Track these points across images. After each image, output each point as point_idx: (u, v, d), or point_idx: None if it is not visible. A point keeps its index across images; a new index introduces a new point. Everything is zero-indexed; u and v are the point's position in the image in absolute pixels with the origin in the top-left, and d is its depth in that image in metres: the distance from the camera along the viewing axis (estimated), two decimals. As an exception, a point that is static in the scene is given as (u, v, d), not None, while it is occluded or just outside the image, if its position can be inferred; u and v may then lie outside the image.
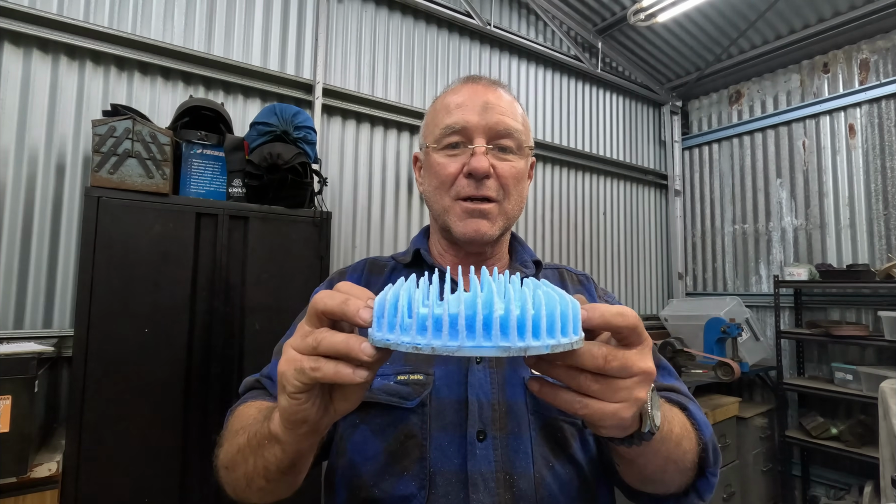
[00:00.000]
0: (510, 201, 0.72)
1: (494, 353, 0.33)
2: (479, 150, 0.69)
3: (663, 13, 3.02)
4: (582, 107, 3.63)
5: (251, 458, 0.52)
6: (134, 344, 1.55)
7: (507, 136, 0.71)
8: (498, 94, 0.73)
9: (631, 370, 0.40)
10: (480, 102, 0.71)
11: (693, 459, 0.57)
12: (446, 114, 0.72)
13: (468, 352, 0.33)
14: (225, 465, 0.58)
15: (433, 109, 0.77)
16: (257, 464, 0.51)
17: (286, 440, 0.46)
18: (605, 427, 0.43)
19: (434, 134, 0.73)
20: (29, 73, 1.84)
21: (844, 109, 3.19)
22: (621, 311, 0.40)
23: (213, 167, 1.84)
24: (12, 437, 1.31)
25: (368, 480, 0.62)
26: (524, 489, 0.60)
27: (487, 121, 0.70)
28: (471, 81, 0.75)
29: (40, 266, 1.82)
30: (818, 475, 3.17)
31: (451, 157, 0.71)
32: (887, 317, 2.64)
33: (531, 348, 0.34)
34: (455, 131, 0.70)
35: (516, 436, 0.63)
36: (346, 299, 0.40)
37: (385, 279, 0.78)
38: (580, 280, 0.84)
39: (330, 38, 2.53)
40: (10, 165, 1.79)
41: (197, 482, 1.62)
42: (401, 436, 0.62)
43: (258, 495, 0.56)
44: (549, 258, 3.33)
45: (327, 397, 0.45)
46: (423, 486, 0.60)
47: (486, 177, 0.69)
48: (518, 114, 0.74)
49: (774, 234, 3.54)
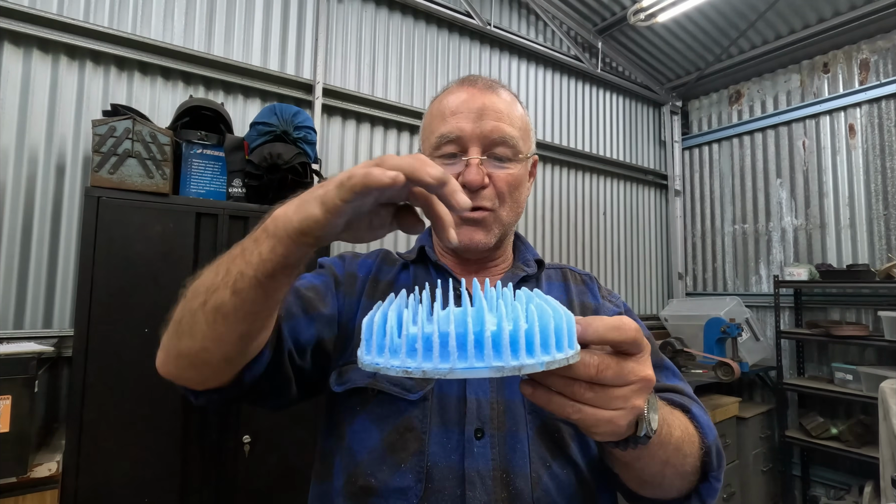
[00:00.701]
0: (506, 209, 0.72)
1: (488, 375, 0.32)
2: (474, 161, 0.68)
3: (663, 13, 3.02)
4: (582, 107, 3.63)
5: (226, 265, 0.49)
6: (134, 344, 1.55)
7: (503, 143, 0.70)
8: (494, 98, 0.71)
9: (627, 378, 0.40)
10: (476, 108, 0.69)
11: (695, 464, 0.56)
12: (441, 121, 0.71)
13: (460, 374, 0.32)
14: (183, 297, 0.53)
15: (430, 113, 0.75)
16: (231, 270, 0.47)
17: (285, 237, 0.44)
18: (599, 433, 0.42)
19: (430, 141, 0.72)
20: (29, 73, 1.84)
21: (844, 109, 3.19)
22: (617, 324, 0.40)
23: (213, 167, 1.84)
24: (12, 437, 1.31)
25: (365, 469, 0.62)
26: (520, 488, 0.60)
27: (482, 129, 0.69)
28: (467, 84, 0.73)
29: (40, 266, 1.82)
30: (818, 475, 3.17)
31: (446, 167, 0.70)
32: (887, 317, 2.64)
33: (526, 366, 0.33)
34: (450, 140, 0.69)
35: (514, 435, 0.63)
36: (417, 160, 0.42)
37: (396, 272, 0.78)
38: (583, 280, 0.83)
39: (330, 38, 2.53)
40: (10, 165, 1.79)
41: (197, 482, 1.62)
42: (400, 427, 0.62)
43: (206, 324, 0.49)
44: (550, 258, 3.33)
45: (354, 220, 0.46)
46: (420, 480, 0.60)
47: (482, 188, 0.68)
48: (517, 115, 0.72)
49: (774, 234, 3.54)
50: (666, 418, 0.51)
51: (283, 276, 0.48)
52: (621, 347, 0.40)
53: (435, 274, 0.76)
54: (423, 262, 0.78)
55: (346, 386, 0.66)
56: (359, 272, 0.77)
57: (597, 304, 0.78)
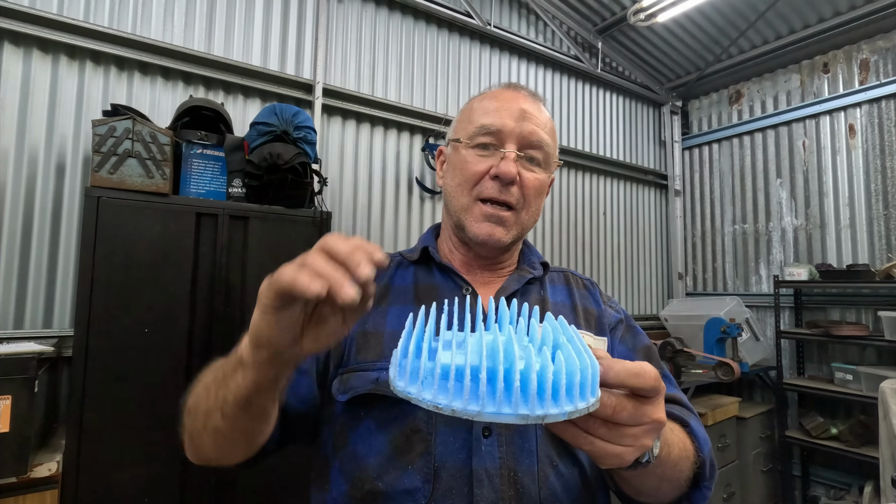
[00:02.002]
0: (528, 212, 0.73)
1: (513, 422, 0.34)
2: (510, 155, 0.70)
3: (663, 13, 3.02)
4: (582, 107, 3.63)
5: (214, 390, 0.53)
6: (134, 344, 1.54)
7: (539, 147, 0.72)
8: (537, 106, 0.74)
9: (640, 420, 0.41)
10: (518, 109, 0.72)
11: (689, 476, 0.58)
12: (483, 113, 0.73)
13: (488, 418, 0.34)
14: (188, 409, 0.59)
15: (469, 107, 0.77)
16: (218, 395, 0.52)
17: (249, 361, 0.47)
18: (606, 463, 0.43)
19: (468, 130, 0.73)
20: (29, 73, 1.84)
21: (844, 109, 3.19)
22: (638, 371, 0.40)
23: (213, 167, 1.84)
24: (12, 437, 1.31)
25: (372, 473, 0.62)
26: (528, 486, 0.61)
27: (522, 129, 0.71)
28: (512, 88, 0.76)
29: (40, 266, 1.82)
30: (818, 475, 3.17)
31: (480, 157, 0.72)
32: (887, 317, 2.64)
33: (549, 416, 0.34)
34: (489, 132, 0.71)
35: (522, 434, 0.63)
36: (356, 249, 0.41)
37: (391, 273, 0.78)
38: (585, 285, 0.84)
39: (330, 38, 2.53)
40: (10, 165, 1.79)
41: (197, 482, 1.62)
42: (406, 430, 0.63)
43: (213, 441, 0.56)
44: (550, 258, 3.33)
45: (297, 329, 0.45)
46: (428, 480, 0.60)
47: (512, 183, 0.70)
48: (550, 128, 0.75)
49: (774, 234, 3.54)
50: (666, 438, 0.52)
51: (264, 398, 0.51)
52: (639, 392, 0.41)
53: (439, 275, 0.76)
54: (427, 263, 0.78)
55: (350, 394, 0.65)
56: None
57: (599, 309, 0.79)
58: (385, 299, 0.73)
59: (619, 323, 0.79)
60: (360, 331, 0.69)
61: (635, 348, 0.76)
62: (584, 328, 0.75)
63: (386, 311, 0.71)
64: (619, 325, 0.79)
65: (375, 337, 0.69)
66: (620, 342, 0.77)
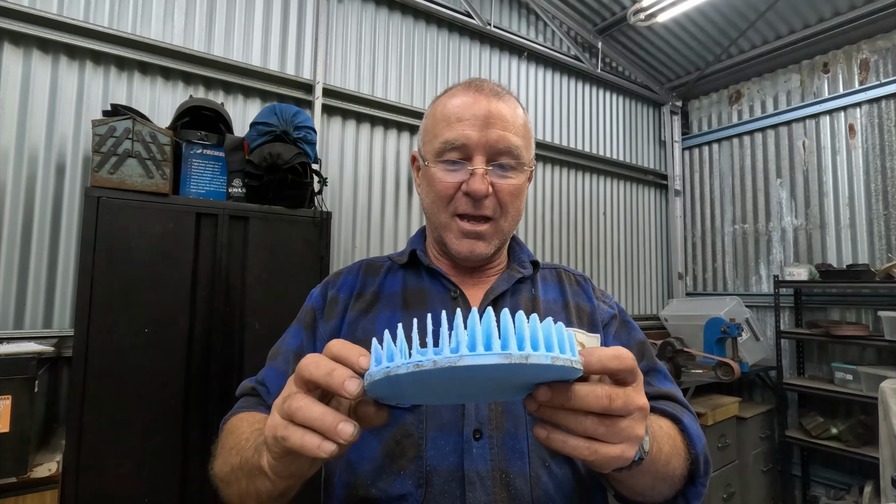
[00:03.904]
0: (507, 219, 0.72)
1: (497, 361, 0.33)
2: (479, 171, 0.68)
3: (663, 13, 3.02)
4: (582, 107, 3.63)
5: (244, 481, 0.53)
6: (134, 344, 1.55)
7: (508, 153, 0.69)
8: (501, 105, 0.70)
9: (629, 407, 0.41)
10: (482, 115, 0.68)
11: (682, 472, 0.59)
12: (446, 126, 0.70)
13: (469, 360, 0.33)
14: (220, 479, 0.59)
15: (433, 115, 0.74)
16: (249, 488, 0.52)
17: (273, 480, 0.47)
18: (611, 468, 0.43)
19: (433, 146, 0.71)
20: (29, 73, 1.84)
21: (844, 109, 3.19)
22: (617, 353, 0.40)
23: (213, 167, 1.84)
24: (12, 437, 1.31)
25: (365, 479, 0.62)
26: (520, 488, 0.61)
27: (488, 138, 0.68)
28: (473, 88, 0.72)
29: (40, 266, 1.82)
30: (818, 475, 3.17)
31: (449, 172, 0.70)
32: (887, 317, 2.64)
33: (532, 356, 0.34)
34: (455, 147, 0.69)
35: (513, 435, 0.63)
36: (332, 370, 0.39)
37: (381, 279, 0.78)
38: (578, 280, 0.83)
39: (330, 38, 2.53)
40: (10, 165, 1.79)
41: (197, 482, 1.62)
42: (397, 435, 0.63)
43: None
44: (549, 258, 3.33)
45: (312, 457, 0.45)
46: (420, 485, 0.60)
47: (485, 197, 0.69)
48: (520, 124, 0.72)
49: (774, 234, 3.54)
50: (656, 435, 0.53)
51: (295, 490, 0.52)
52: (620, 376, 0.41)
53: (428, 278, 0.76)
54: (415, 267, 0.78)
55: None
56: (340, 293, 0.77)
57: (591, 305, 0.78)
58: (374, 306, 0.74)
59: (613, 318, 0.78)
60: (351, 339, 0.69)
61: (629, 344, 0.76)
62: (575, 325, 0.74)
63: (375, 319, 0.72)
64: (612, 320, 0.78)
65: (365, 344, 0.68)
66: (614, 338, 0.76)
